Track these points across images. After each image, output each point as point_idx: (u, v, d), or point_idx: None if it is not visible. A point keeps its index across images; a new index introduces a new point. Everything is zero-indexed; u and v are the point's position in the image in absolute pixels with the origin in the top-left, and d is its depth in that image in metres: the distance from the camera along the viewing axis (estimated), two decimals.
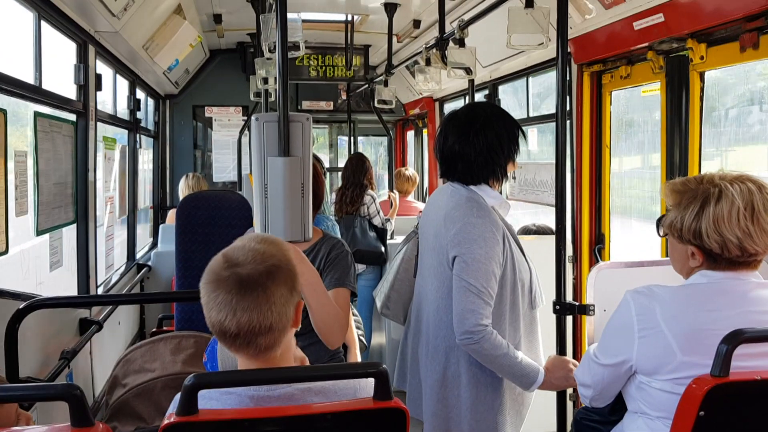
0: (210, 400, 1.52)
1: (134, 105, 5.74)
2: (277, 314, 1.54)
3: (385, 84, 5.87)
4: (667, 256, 3.16)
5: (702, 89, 3.03)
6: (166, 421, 1.44)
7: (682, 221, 1.87)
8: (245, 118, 7.92)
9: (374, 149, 9.82)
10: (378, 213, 5.62)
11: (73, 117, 3.85)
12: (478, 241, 2.31)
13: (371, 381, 1.55)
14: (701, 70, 3.00)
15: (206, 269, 1.58)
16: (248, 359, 1.58)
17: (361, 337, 3.30)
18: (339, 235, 3.75)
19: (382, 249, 5.55)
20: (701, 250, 1.85)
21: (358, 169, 5.66)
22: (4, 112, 2.74)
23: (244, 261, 1.54)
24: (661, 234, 1.97)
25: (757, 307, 1.80)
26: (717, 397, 1.64)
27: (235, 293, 1.51)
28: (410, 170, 6.88)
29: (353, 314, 3.32)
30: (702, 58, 2.92)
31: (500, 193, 2.57)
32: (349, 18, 6.41)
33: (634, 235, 4.07)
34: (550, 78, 4.80)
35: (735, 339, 1.63)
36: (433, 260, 2.47)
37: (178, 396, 1.48)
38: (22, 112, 3.32)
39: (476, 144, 2.43)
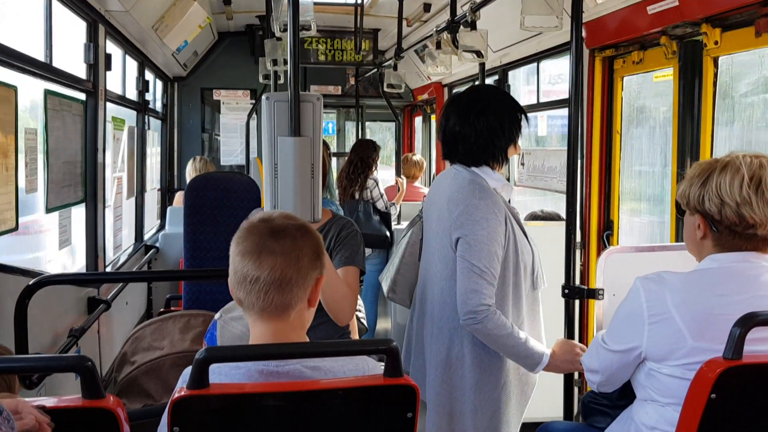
0: (219, 375, 1.53)
1: (143, 86, 5.72)
2: (299, 272, 1.57)
3: (394, 68, 5.84)
4: (676, 240, 3.17)
5: (716, 75, 3.01)
6: (176, 395, 1.44)
7: (690, 187, 1.88)
8: (253, 101, 7.89)
9: (382, 134, 9.79)
10: (381, 197, 5.61)
11: (82, 96, 3.84)
12: (481, 222, 2.32)
13: (379, 365, 1.56)
14: (715, 55, 2.97)
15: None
16: (260, 320, 1.59)
17: (362, 320, 3.30)
18: None
19: (387, 233, 5.54)
20: (704, 217, 1.85)
21: (363, 154, 5.65)
22: (15, 88, 2.74)
23: (278, 217, 1.64)
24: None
25: None
26: (729, 380, 1.63)
27: (266, 238, 1.57)
28: (418, 155, 6.87)
29: None
30: (716, 43, 2.88)
31: (503, 175, 2.56)
32: (359, 1, 6.37)
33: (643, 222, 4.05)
34: (561, 63, 4.76)
35: (749, 322, 1.61)
36: (437, 243, 2.47)
37: (187, 370, 1.49)
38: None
39: (476, 125, 2.43)
